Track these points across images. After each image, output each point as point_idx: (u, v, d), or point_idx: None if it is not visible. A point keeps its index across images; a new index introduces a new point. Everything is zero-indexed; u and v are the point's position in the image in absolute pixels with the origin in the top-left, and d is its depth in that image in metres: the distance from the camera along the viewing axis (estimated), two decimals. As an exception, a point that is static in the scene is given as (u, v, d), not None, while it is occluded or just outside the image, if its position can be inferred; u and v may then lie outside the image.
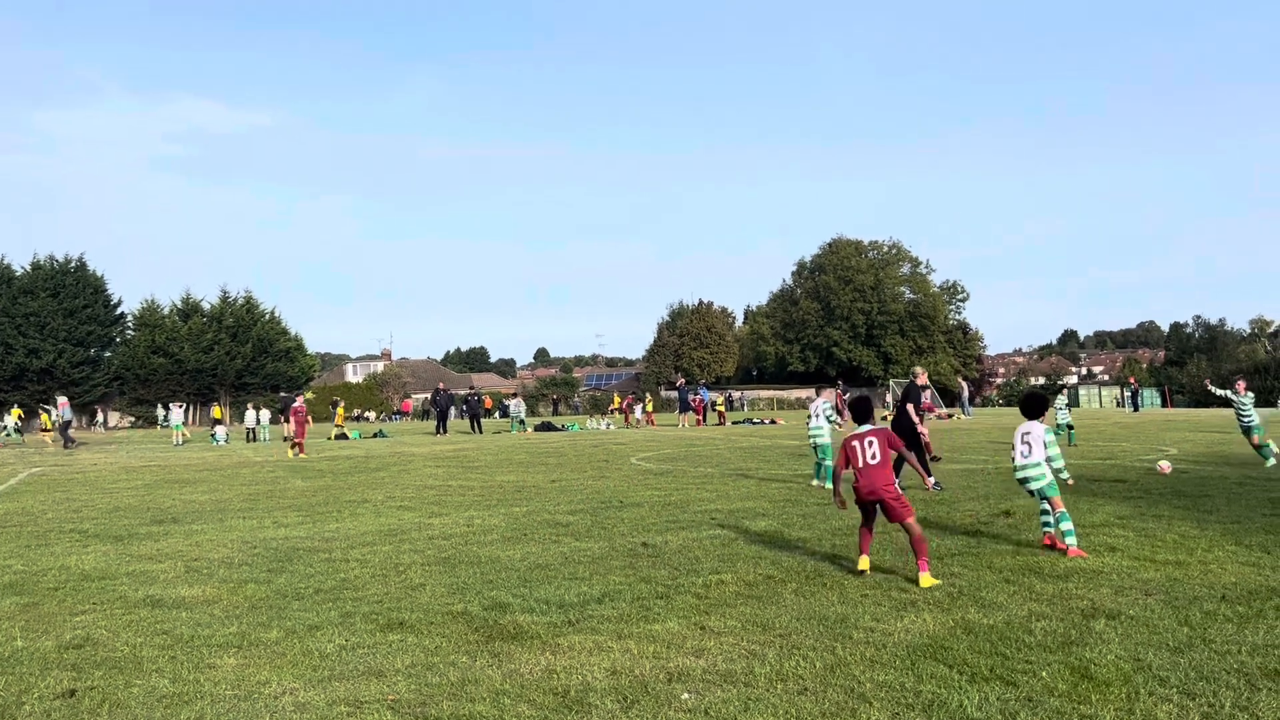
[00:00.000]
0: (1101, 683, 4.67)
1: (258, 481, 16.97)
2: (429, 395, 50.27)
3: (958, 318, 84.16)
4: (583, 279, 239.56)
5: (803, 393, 73.49)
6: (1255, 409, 16.20)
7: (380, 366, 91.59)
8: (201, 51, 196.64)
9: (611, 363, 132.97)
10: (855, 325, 78.25)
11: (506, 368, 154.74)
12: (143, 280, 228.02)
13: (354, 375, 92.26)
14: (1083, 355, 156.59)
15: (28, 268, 60.85)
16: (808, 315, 79.71)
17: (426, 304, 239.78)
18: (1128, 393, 53.52)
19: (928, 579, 6.92)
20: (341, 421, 46.61)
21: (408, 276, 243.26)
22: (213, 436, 34.81)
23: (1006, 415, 44.68)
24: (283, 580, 7.67)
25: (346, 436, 36.14)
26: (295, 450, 24.15)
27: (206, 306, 65.53)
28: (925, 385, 14.87)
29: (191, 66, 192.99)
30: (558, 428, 39.84)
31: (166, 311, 64.49)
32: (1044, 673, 4.85)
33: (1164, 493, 12.04)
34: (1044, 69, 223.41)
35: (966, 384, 53.23)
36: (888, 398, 61.96)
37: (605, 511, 11.50)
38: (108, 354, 62.96)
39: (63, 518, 12.16)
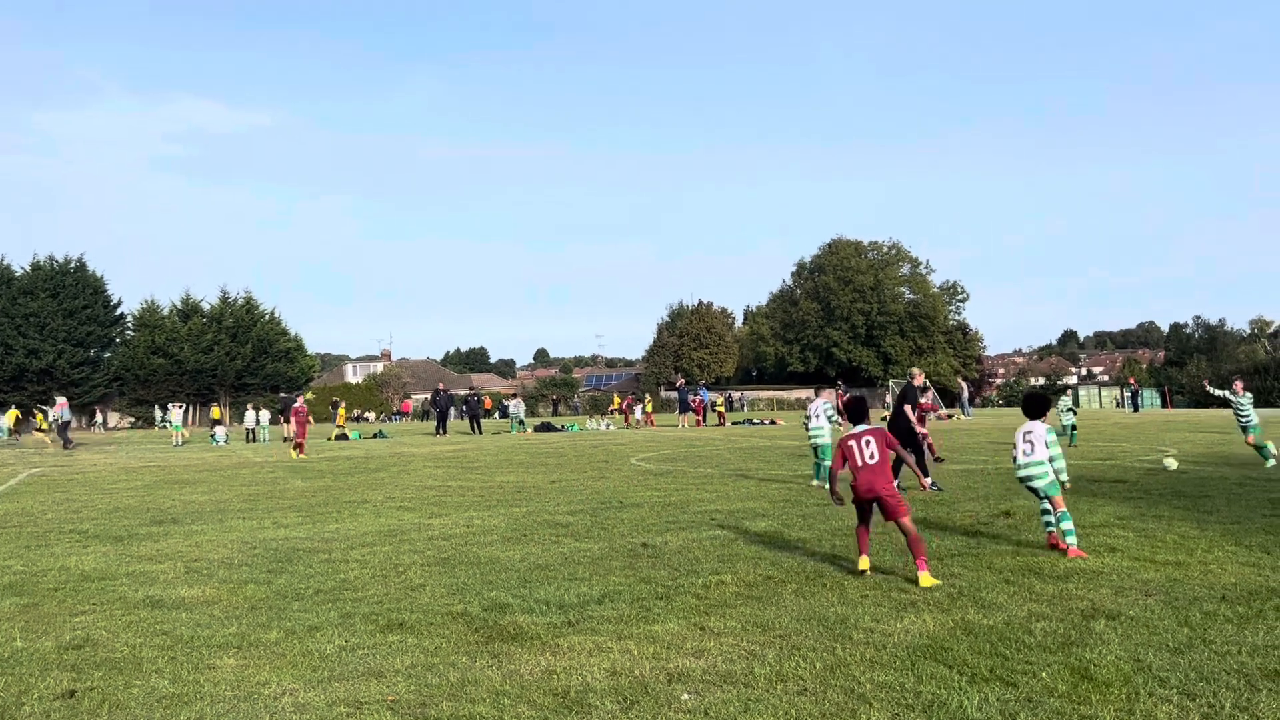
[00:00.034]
0: (1101, 683, 4.67)
1: (257, 482, 16.97)
2: (429, 396, 50.27)
3: (957, 318, 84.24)
4: (582, 279, 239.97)
5: (803, 393, 73.49)
6: (1254, 409, 16.24)
7: (380, 367, 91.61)
8: (201, 51, 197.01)
9: (611, 363, 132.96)
10: (855, 326, 78.29)
11: (506, 368, 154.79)
12: (142, 281, 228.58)
13: (354, 376, 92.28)
14: (1083, 356, 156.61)
15: (27, 268, 60.92)
16: (807, 316, 79.74)
17: (426, 304, 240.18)
18: (1128, 393, 53.57)
19: (927, 578, 6.92)
20: (343, 422, 46.66)
21: (407, 277, 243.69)
22: (212, 437, 34.82)
23: (1006, 416, 44.68)
24: (282, 581, 7.67)
25: (346, 437, 36.15)
26: (297, 451, 24.19)
27: (206, 307, 65.61)
28: (925, 386, 14.88)
29: (191, 66, 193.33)
30: (557, 428, 39.86)
31: (166, 312, 64.53)
32: (1044, 673, 4.85)
33: (1164, 493, 12.03)
34: (1044, 69, 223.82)
35: (966, 384, 53.23)
36: (887, 398, 61.95)
37: (605, 512, 11.50)
38: (107, 354, 62.97)
39: (62, 518, 12.16)
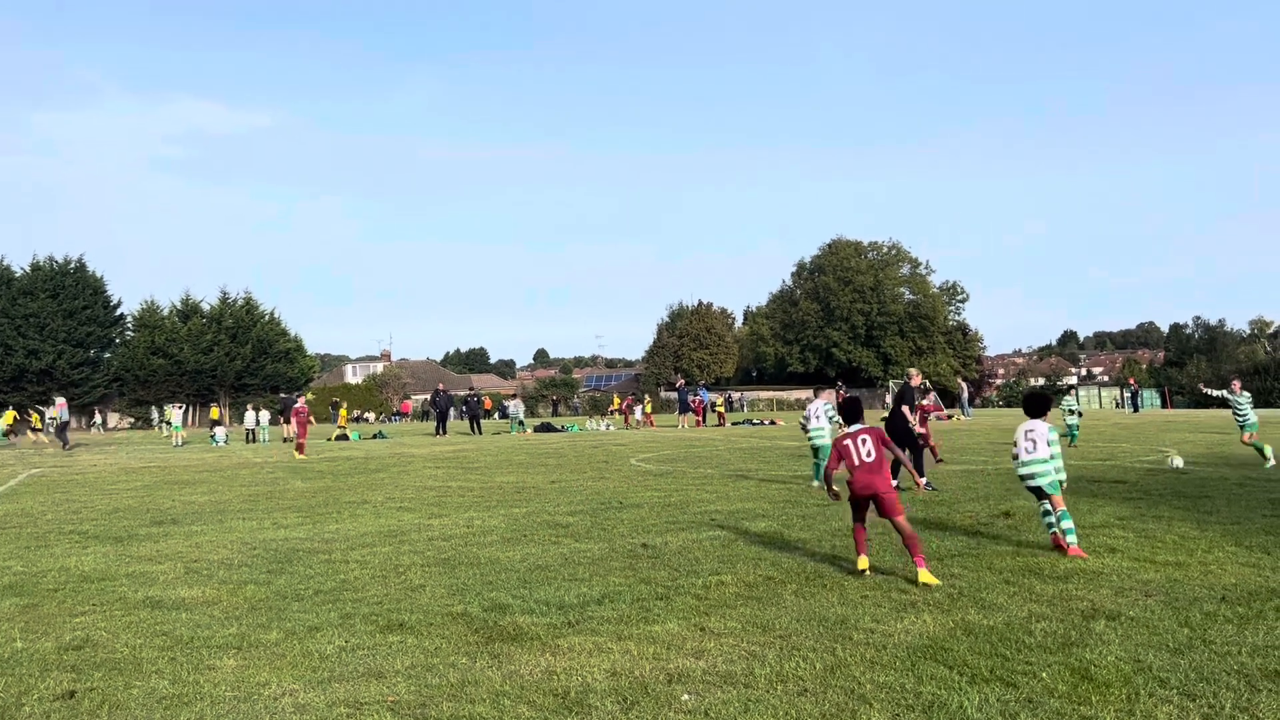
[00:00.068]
0: (1102, 684, 4.67)
1: (257, 483, 16.97)
2: (428, 396, 50.24)
3: (957, 318, 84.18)
4: (582, 280, 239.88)
5: (803, 393, 73.45)
6: (1253, 409, 16.18)
7: (380, 367, 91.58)
8: (201, 52, 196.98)
9: (611, 364, 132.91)
10: (855, 326, 78.28)
11: (506, 369, 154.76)
12: (142, 281, 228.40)
13: (353, 376, 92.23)
14: (1082, 356, 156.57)
15: (27, 269, 60.82)
16: (807, 316, 79.74)
17: (426, 305, 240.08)
18: (1127, 393, 53.58)
19: (926, 575, 6.97)
20: (345, 423, 46.65)
21: (407, 277, 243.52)
22: (212, 438, 34.80)
23: (1006, 416, 44.67)
24: (282, 581, 7.67)
25: (347, 437, 36.15)
26: (299, 452, 24.21)
27: (206, 307, 65.51)
28: (928, 387, 14.91)
29: (191, 67, 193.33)
30: (557, 429, 39.86)
31: (166, 313, 64.44)
32: (1044, 674, 4.85)
33: (1164, 494, 12.04)
34: (1044, 69, 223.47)
35: (966, 385, 53.22)
36: (887, 398, 61.94)
37: (605, 513, 11.50)
38: (107, 355, 62.92)
39: (62, 519, 12.16)
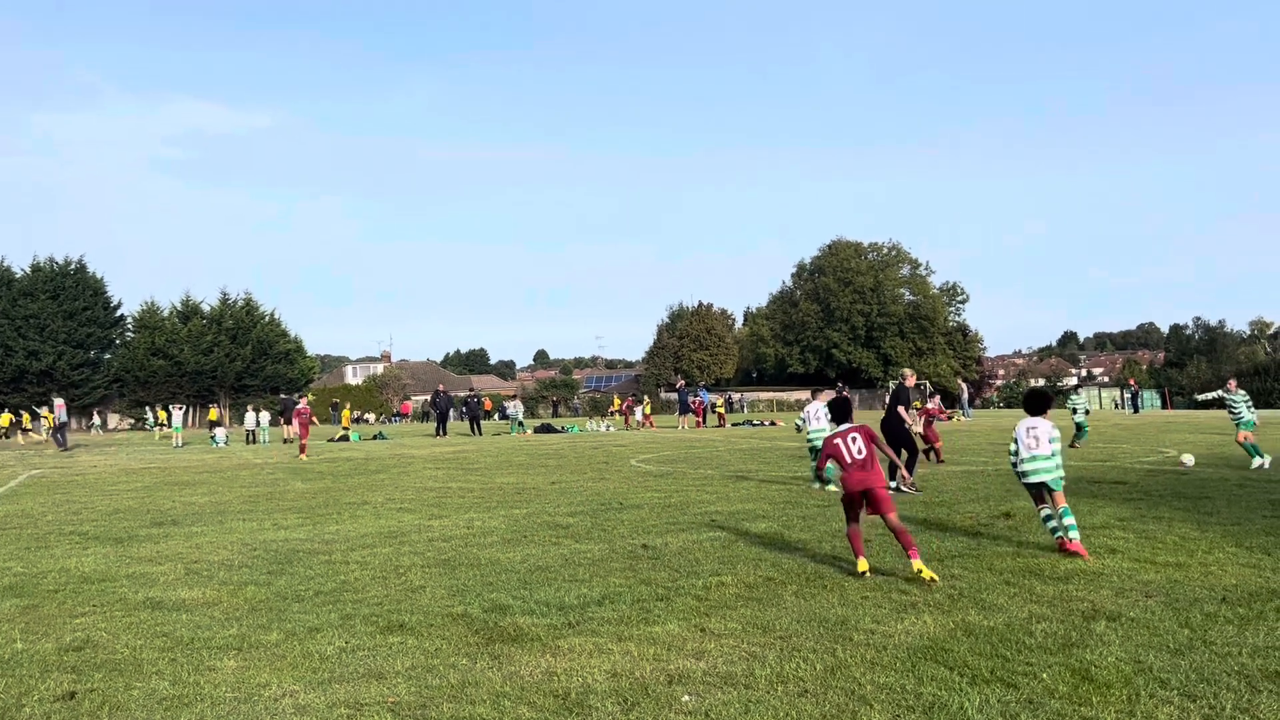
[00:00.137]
0: (1102, 685, 4.67)
1: (257, 483, 16.97)
2: (429, 397, 50.26)
3: (957, 319, 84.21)
4: (582, 281, 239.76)
5: (803, 394, 73.47)
6: (1249, 409, 16.02)
7: (380, 368, 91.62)
8: (201, 52, 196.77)
9: (611, 364, 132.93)
10: (855, 327, 78.31)
11: (506, 370, 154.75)
12: (142, 282, 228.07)
13: (354, 377, 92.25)
14: (1082, 357, 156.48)
15: (27, 270, 60.89)
16: (807, 317, 79.77)
17: (426, 306, 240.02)
18: (1128, 394, 53.59)
19: (920, 564, 7.09)
20: (347, 423, 46.66)
21: (407, 278, 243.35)
22: (212, 439, 34.80)
23: (1006, 416, 44.66)
24: (283, 582, 7.67)
25: (347, 438, 36.16)
26: (301, 453, 24.23)
27: (206, 309, 65.51)
28: (932, 391, 14.94)
29: (191, 67, 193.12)
30: (557, 429, 39.86)
31: (166, 313, 64.44)
32: (1045, 675, 4.84)
33: (1164, 494, 12.04)
34: (1044, 69, 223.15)
35: (966, 386, 53.19)
36: (887, 399, 61.90)
37: (605, 513, 11.50)
38: (107, 356, 62.93)
39: (62, 520, 12.15)
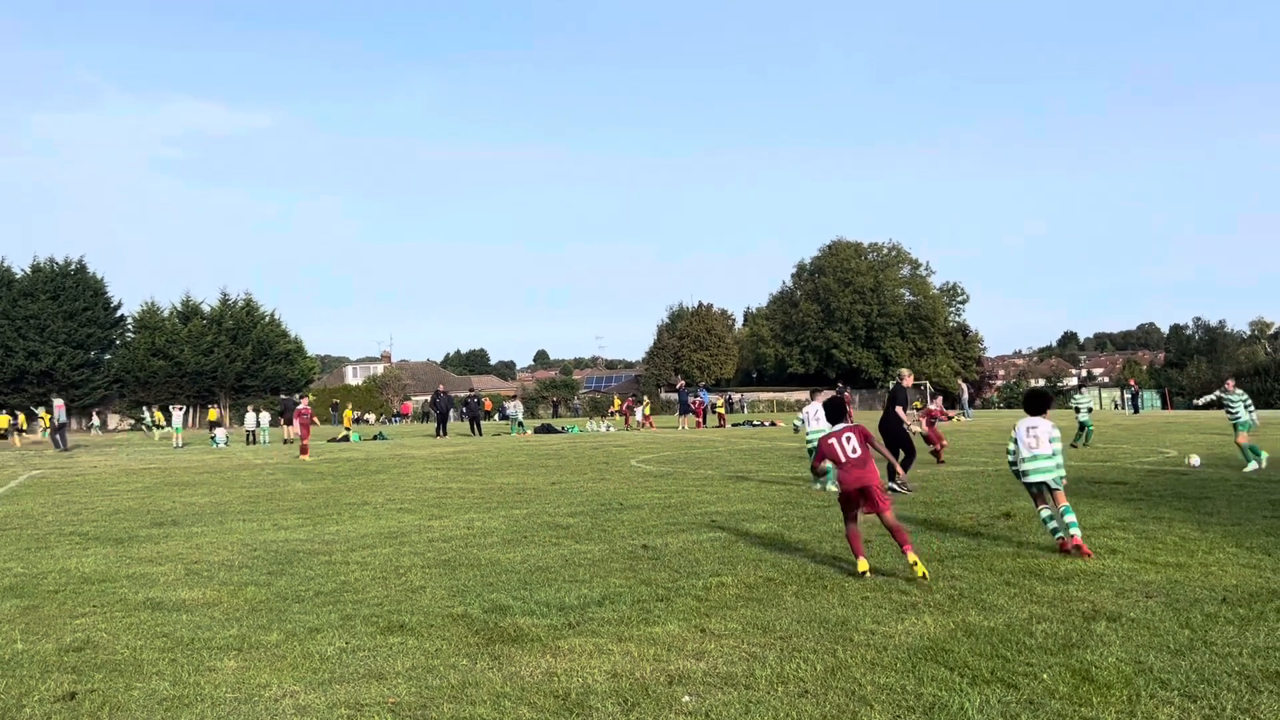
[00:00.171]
0: (1103, 685, 4.66)
1: (257, 484, 16.97)
2: (429, 398, 50.25)
3: (957, 320, 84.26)
4: (582, 281, 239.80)
5: (803, 395, 73.46)
6: (1247, 410, 15.90)
7: (380, 369, 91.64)
8: (201, 52, 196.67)
9: (611, 365, 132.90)
10: (855, 327, 78.31)
11: (506, 370, 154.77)
12: (143, 283, 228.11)
13: (354, 377, 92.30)
14: (1083, 357, 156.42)
15: (28, 270, 60.85)
16: (807, 317, 79.77)
17: (426, 306, 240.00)
18: (1128, 394, 53.59)
19: (914, 557, 7.17)
20: (350, 424, 46.62)
21: (407, 278, 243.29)
22: (212, 439, 34.80)
23: (1006, 417, 44.65)
24: (283, 583, 7.67)
25: (347, 439, 36.16)
26: (303, 453, 24.22)
27: (206, 309, 65.50)
28: (934, 392, 14.98)
29: (191, 67, 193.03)
30: (557, 430, 39.85)
31: (166, 314, 64.44)
32: (1045, 675, 4.84)
33: (1164, 495, 12.03)
34: (1044, 69, 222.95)
35: (966, 386, 53.19)
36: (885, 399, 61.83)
37: (605, 514, 11.50)
38: (107, 356, 62.89)
39: (63, 520, 12.15)
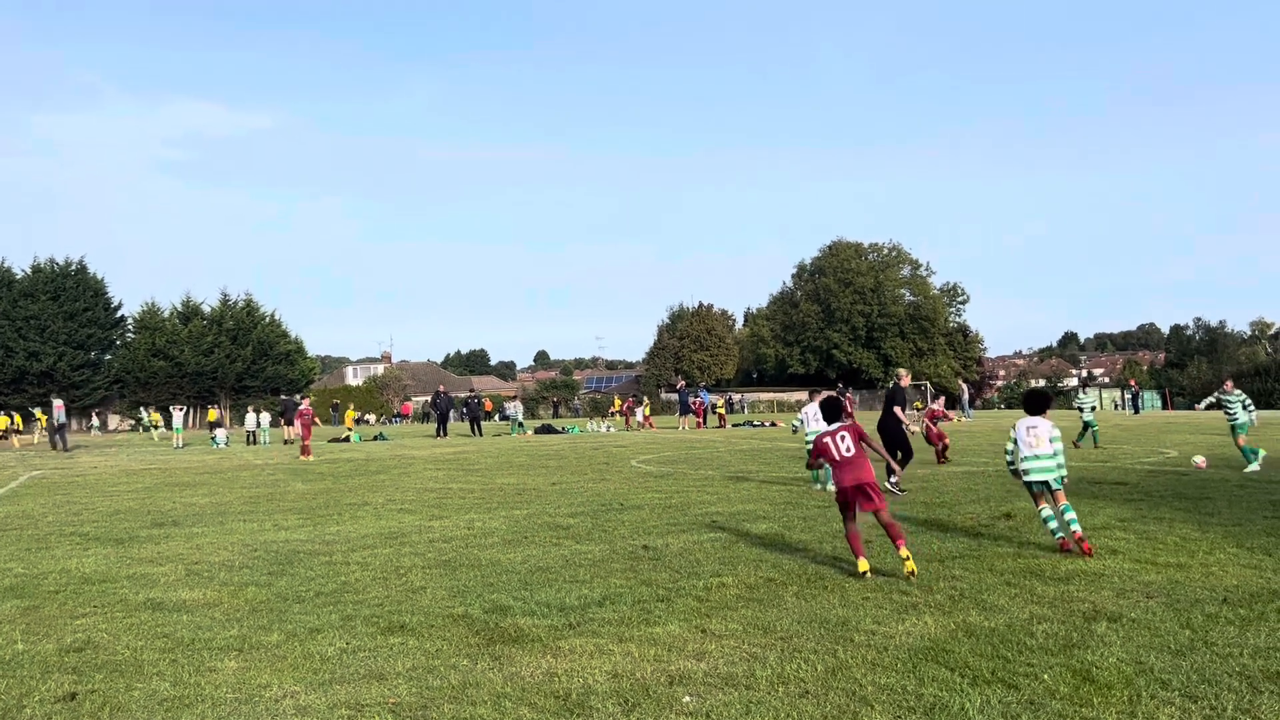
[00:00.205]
0: (1103, 686, 4.66)
1: (258, 484, 16.97)
2: (429, 398, 50.24)
3: (958, 320, 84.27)
4: (582, 281, 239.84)
5: (803, 395, 73.44)
6: (1245, 410, 15.82)
7: (380, 369, 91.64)
8: (201, 52, 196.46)
9: (612, 365, 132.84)
10: (855, 328, 78.30)
11: (507, 370, 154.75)
12: (143, 283, 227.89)
13: (354, 378, 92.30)
14: (1083, 357, 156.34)
15: (28, 270, 60.88)
16: (808, 318, 79.75)
17: (426, 306, 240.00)
18: (1128, 395, 53.60)
19: (906, 552, 7.26)
20: (351, 424, 46.60)
21: (407, 278, 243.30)
22: (213, 440, 34.79)
23: (1007, 417, 44.63)
24: (283, 583, 7.67)
25: (348, 439, 36.16)
26: (305, 454, 24.22)
27: (207, 309, 65.51)
28: (935, 392, 15.00)
29: (191, 68, 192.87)
30: (558, 430, 39.86)
31: (167, 314, 64.44)
32: (1046, 676, 4.84)
33: (1165, 495, 12.03)
34: (1044, 69, 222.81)
35: (967, 386, 53.17)
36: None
37: (606, 514, 11.50)
38: (108, 357, 62.92)
39: (63, 521, 12.16)
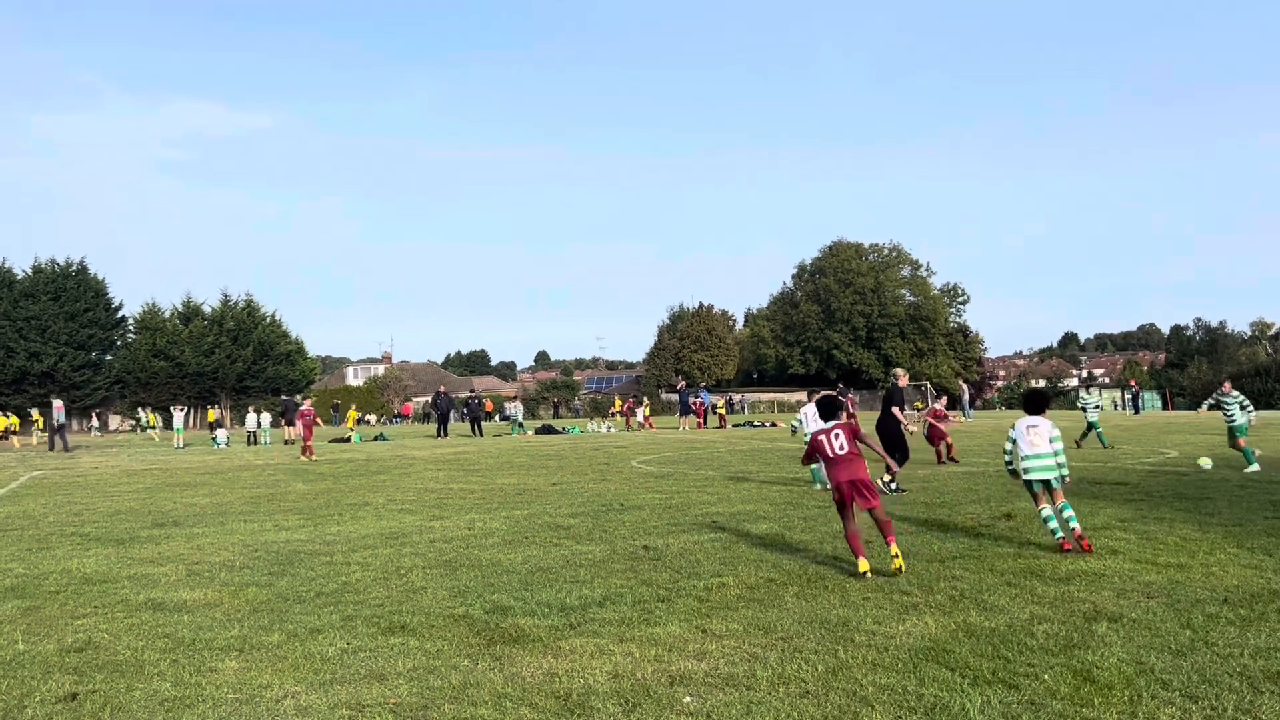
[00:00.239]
0: (1104, 686, 4.66)
1: (259, 484, 16.97)
2: (430, 398, 50.25)
3: (958, 320, 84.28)
4: (583, 281, 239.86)
5: (803, 395, 73.45)
6: (1243, 411, 15.75)
7: (381, 369, 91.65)
8: (201, 52, 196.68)
9: (612, 365, 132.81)
10: (856, 328, 78.30)
11: (507, 370, 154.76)
12: (144, 283, 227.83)
13: (355, 378, 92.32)
14: (1083, 358, 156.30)
15: (29, 271, 60.89)
16: (808, 318, 79.76)
17: (427, 307, 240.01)
18: (1128, 395, 53.59)
19: (896, 549, 7.38)
20: (353, 424, 46.63)
21: (407, 278, 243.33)
22: (213, 440, 34.80)
23: (1007, 418, 44.59)
24: (284, 583, 7.68)
25: (349, 439, 36.17)
26: (307, 454, 24.21)
27: (207, 310, 65.50)
28: (935, 392, 14.99)
29: (191, 68, 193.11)
30: (558, 430, 39.86)
31: (167, 315, 64.42)
32: (1046, 676, 4.84)
33: (1165, 495, 12.03)
34: (1044, 69, 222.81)
35: (967, 387, 53.16)
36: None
37: (606, 514, 11.50)
38: (109, 357, 62.94)
39: (64, 521, 12.16)
